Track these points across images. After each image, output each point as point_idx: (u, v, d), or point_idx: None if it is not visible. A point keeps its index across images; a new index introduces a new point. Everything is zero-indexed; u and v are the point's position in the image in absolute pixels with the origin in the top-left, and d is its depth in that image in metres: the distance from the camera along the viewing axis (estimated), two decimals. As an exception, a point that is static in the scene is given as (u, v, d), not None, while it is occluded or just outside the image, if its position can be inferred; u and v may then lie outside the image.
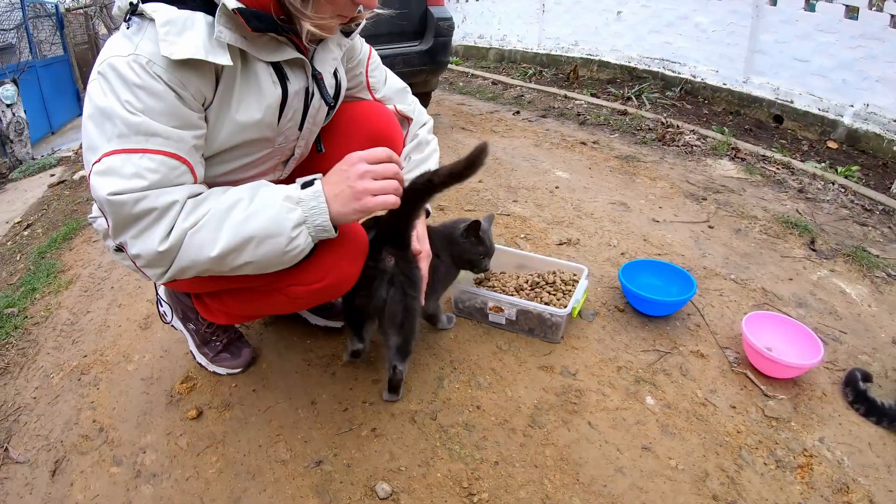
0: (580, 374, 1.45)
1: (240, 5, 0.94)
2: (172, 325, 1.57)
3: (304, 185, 1.04)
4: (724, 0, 5.03)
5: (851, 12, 4.11)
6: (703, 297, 1.86)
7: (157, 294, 1.55)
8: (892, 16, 3.82)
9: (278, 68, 1.08)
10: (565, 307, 1.51)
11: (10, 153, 5.65)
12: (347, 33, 1.25)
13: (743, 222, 2.49)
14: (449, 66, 7.85)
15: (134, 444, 1.38)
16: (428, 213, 1.46)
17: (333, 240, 1.07)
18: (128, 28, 0.96)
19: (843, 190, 3.02)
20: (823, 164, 3.47)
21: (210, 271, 1.01)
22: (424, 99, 4.41)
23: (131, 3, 0.96)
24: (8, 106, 5.55)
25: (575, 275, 1.71)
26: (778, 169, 3.28)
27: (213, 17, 0.96)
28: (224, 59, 0.96)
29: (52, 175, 4.56)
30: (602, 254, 2.12)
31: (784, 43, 4.59)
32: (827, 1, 4.23)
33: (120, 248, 1.07)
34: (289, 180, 1.13)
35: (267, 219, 0.98)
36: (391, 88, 1.48)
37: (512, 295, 1.62)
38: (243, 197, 1.00)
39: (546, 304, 1.58)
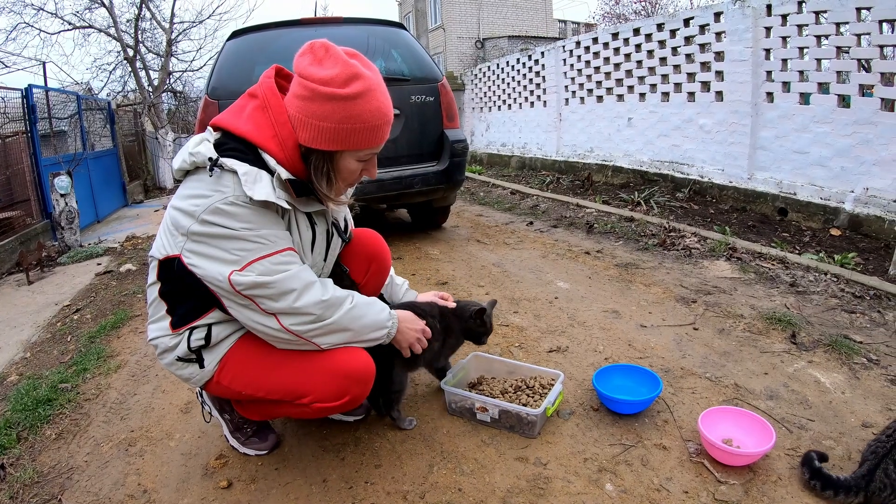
0: (550, 465, 1.69)
1: (290, 177, 1.39)
2: (212, 415, 1.86)
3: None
4: (724, 101, 5.40)
5: (844, 101, 4.37)
6: (676, 395, 2.04)
7: (200, 396, 1.87)
8: (883, 99, 4.06)
9: (309, 216, 1.54)
10: (540, 408, 1.80)
11: (60, 239, 5.96)
12: None
13: (728, 322, 2.66)
14: (472, 175, 8.41)
15: (172, 505, 1.62)
16: None
17: (352, 369, 1.50)
18: (210, 176, 1.32)
19: (835, 279, 3.16)
20: (820, 255, 3.62)
21: (346, 335, 1.48)
22: (444, 212, 4.83)
23: (210, 159, 1.33)
24: (62, 195, 5.93)
25: (552, 379, 2.00)
26: (773, 265, 3.46)
27: (267, 173, 1.35)
28: (284, 204, 1.36)
29: (99, 264, 4.97)
30: (587, 359, 2.35)
31: (783, 137, 4.86)
32: (821, 92, 4.52)
33: (181, 359, 1.51)
34: None
35: (384, 318, 1.55)
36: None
37: (497, 397, 1.91)
38: (373, 303, 1.55)
39: (524, 405, 1.86)
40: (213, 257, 1.33)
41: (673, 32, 5.96)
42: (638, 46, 6.50)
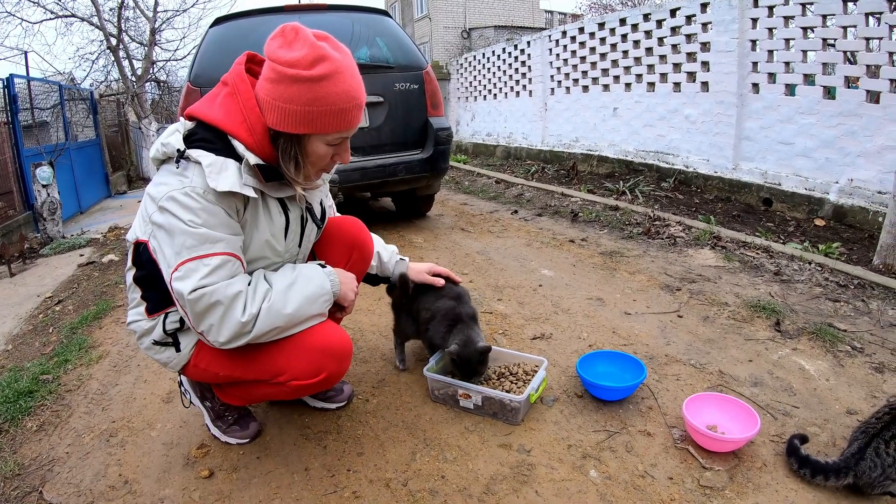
0: (534, 451, 1.67)
1: (259, 161, 1.37)
2: (192, 403, 1.84)
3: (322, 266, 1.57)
4: (710, 91, 5.39)
5: (829, 93, 4.38)
6: (661, 381, 2.04)
7: (181, 382, 1.85)
8: (868, 91, 4.07)
9: (282, 201, 1.51)
10: (523, 394, 1.78)
11: (42, 230, 5.95)
12: None
13: (712, 309, 2.65)
14: (457, 164, 8.37)
15: (154, 495, 1.60)
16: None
17: (328, 345, 1.49)
18: (177, 167, 1.33)
19: (819, 268, 3.17)
20: (804, 245, 3.64)
21: (281, 330, 1.43)
22: (428, 201, 4.80)
23: (179, 150, 1.34)
24: (44, 186, 5.89)
25: (536, 366, 1.99)
26: (757, 254, 3.46)
27: (237, 162, 1.36)
28: (251, 193, 1.36)
29: (82, 255, 4.97)
30: (571, 346, 2.34)
31: (769, 128, 4.86)
32: (806, 84, 4.53)
33: (157, 342, 1.52)
34: None
35: (317, 284, 1.48)
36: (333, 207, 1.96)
37: (479, 384, 1.89)
38: (298, 275, 1.48)
39: (507, 391, 1.85)
40: (163, 252, 1.34)
41: (659, 23, 5.94)
42: (624, 36, 6.48)
